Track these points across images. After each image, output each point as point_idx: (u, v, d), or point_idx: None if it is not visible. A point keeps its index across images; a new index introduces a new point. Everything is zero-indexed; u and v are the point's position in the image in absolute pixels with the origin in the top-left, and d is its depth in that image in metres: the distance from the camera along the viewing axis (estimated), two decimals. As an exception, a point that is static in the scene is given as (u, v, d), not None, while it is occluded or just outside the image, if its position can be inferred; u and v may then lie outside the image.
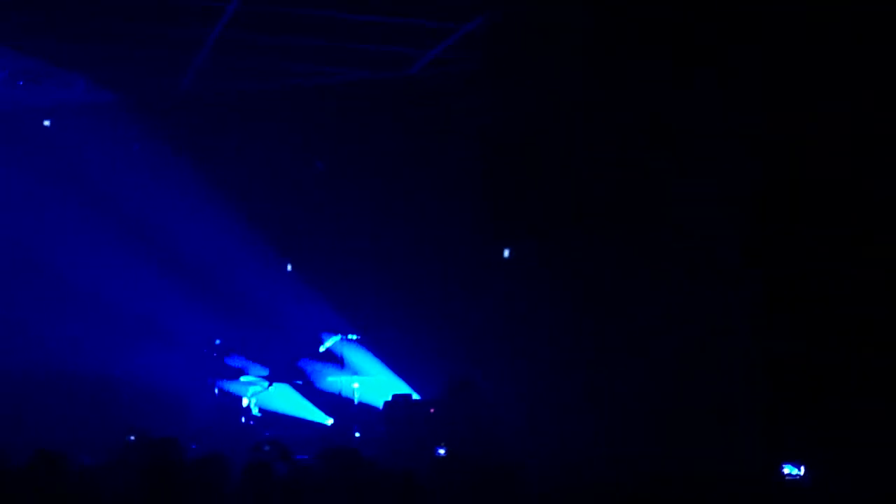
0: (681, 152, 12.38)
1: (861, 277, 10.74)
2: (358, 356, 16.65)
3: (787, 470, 9.92)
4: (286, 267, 17.75)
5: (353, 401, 16.16)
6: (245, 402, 16.56)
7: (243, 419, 16.47)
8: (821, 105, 10.91)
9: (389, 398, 14.55)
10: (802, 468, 9.85)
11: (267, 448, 9.85)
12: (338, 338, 16.73)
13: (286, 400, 16.81)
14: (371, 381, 16.19)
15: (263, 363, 17.05)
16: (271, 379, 16.74)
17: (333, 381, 16.51)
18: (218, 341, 17.13)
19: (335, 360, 16.68)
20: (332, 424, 16.45)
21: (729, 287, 11.86)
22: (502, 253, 15.27)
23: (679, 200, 12.38)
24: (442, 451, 12.33)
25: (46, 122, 17.77)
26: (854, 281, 10.78)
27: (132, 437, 10.96)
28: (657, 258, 12.70)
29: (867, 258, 10.69)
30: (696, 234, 12.28)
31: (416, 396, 15.21)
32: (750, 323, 11.63)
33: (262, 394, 16.60)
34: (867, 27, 10.64)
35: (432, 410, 13.97)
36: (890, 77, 10.54)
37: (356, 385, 16.22)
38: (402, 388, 15.94)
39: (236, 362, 17.03)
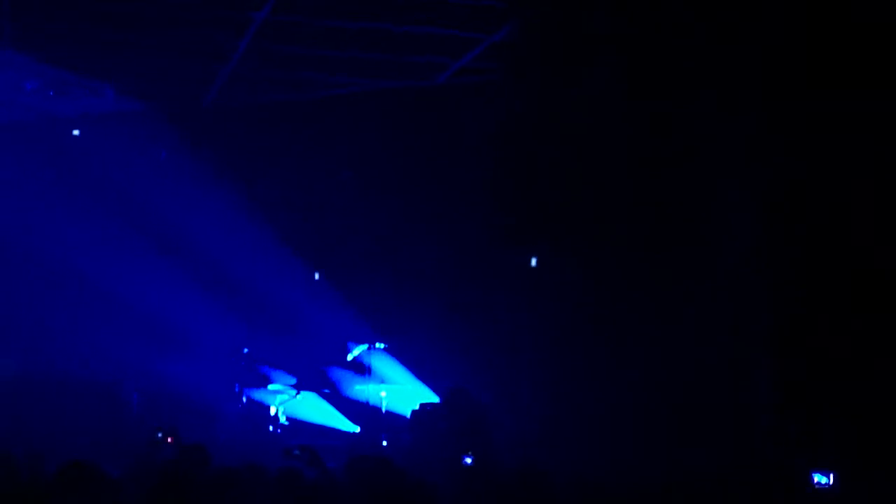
0: (700, 161, 12.40)
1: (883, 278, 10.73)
2: (385, 365, 16.66)
3: (816, 478, 9.90)
4: (314, 276, 17.78)
5: (380, 409, 16.18)
6: (273, 411, 16.61)
7: (271, 427, 16.52)
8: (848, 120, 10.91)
9: (417, 407, 14.55)
10: (831, 476, 9.82)
11: (297, 452, 9.85)
12: (365, 346, 16.74)
13: (314, 408, 16.85)
14: (398, 390, 16.20)
15: (291, 372, 17.10)
16: (299, 387, 16.78)
17: (361, 389, 16.53)
18: (246, 350, 17.19)
19: (362, 368, 16.69)
20: (359, 433, 16.48)
21: (747, 291, 11.85)
22: (530, 261, 15.29)
23: (697, 207, 12.39)
24: (469, 460, 12.33)
25: (76, 132, 17.87)
26: (876, 281, 10.77)
27: (160, 435, 11.00)
28: (673, 264, 12.71)
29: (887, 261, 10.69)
30: (713, 240, 12.29)
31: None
32: (772, 326, 11.62)
33: (289, 402, 16.65)
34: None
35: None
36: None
37: (383, 394, 16.23)
38: (430, 396, 15.95)
39: (264, 371, 17.08)
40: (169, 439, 11.13)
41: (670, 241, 12.81)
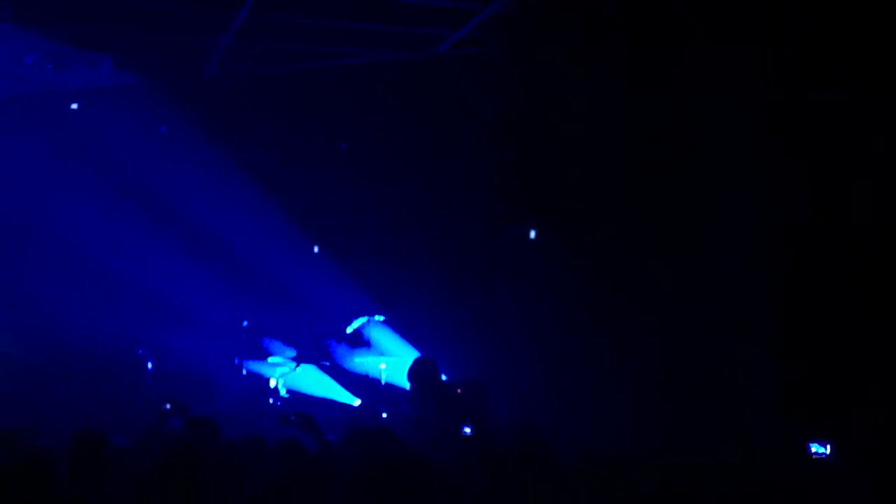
0: (702, 141, 12.41)
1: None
2: (385, 337, 16.69)
3: (813, 449, 9.93)
4: (313, 249, 17.78)
5: (379, 381, 16.20)
6: (273, 383, 16.64)
7: (271, 400, 16.54)
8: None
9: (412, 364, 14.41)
10: (829, 447, 9.85)
11: (293, 419, 9.89)
12: (364, 319, 16.76)
13: (314, 381, 16.87)
14: (398, 362, 16.22)
15: (291, 344, 17.12)
16: (299, 360, 16.81)
17: (360, 362, 16.56)
18: (245, 323, 17.20)
19: (362, 341, 16.71)
20: (359, 405, 16.50)
21: (750, 269, 11.88)
22: (528, 235, 15.30)
23: (699, 187, 12.41)
24: (468, 431, 12.35)
25: (74, 105, 17.84)
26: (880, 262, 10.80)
27: (168, 406, 11.01)
28: (676, 243, 12.73)
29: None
30: (716, 218, 12.30)
31: (442, 377, 15.23)
32: (771, 296, 11.65)
33: (289, 375, 16.67)
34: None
35: (459, 391, 13.99)
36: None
37: (383, 366, 16.26)
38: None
39: (264, 343, 17.10)
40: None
41: (669, 217, 12.84)
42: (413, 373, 13.55)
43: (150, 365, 16.82)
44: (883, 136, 10.70)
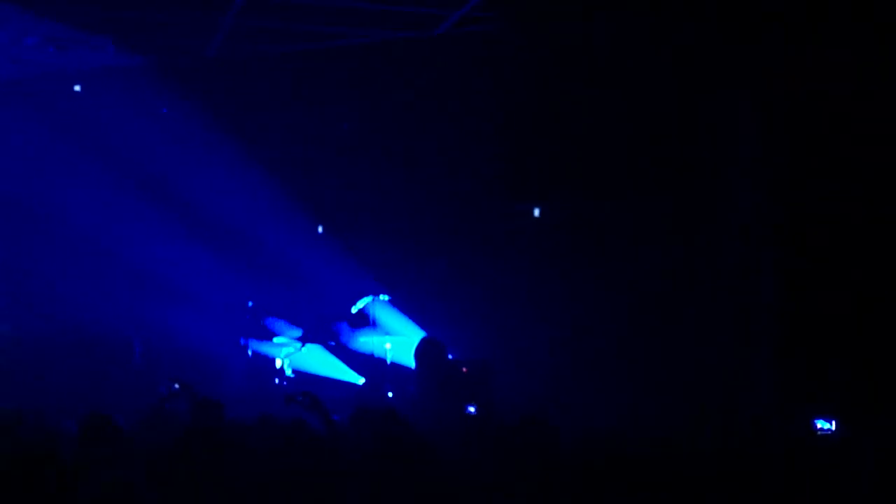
0: (707, 117, 12.39)
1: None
2: (389, 316, 16.69)
3: (819, 424, 9.94)
4: (317, 228, 17.79)
5: (385, 361, 16.22)
6: (278, 364, 16.65)
7: (277, 380, 16.57)
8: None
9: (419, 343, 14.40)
10: (834, 423, 9.85)
11: (299, 398, 9.92)
12: (369, 298, 16.76)
13: (319, 361, 16.88)
14: (403, 342, 16.22)
15: (296, 324, 17.13)
16: (304, 340, 16.82)
17: (365, 341, 16.57)
18: (250, 303, 17.22)
19: (367, 320, 16.72)
20: (364, 384, 16.53)
21: (755, 247, 11.88)
22: (532, 213, 15.29)
23: (702, 164, 12.40)
24: (472, 409, 12.37)
25: (77, 87, 17.84)
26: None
27: (176, 386, 11.03)
28: (680, 221, 12.73)
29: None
30: (718, 195, 12.30)
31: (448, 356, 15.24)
32: (774, 275, 11.65)
33: (294, 355, 16.68)
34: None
35: (465, 370, 14.00)
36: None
37: (388, 345, 16.27)
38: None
39: (269, 324, 17.12)
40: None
41: (674, 194, 12.82)
42: (420, 353, 13.56)
43: (144, 347, 16.82)
44: (884, 133, 10.72)
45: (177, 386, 11.05)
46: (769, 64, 11.67)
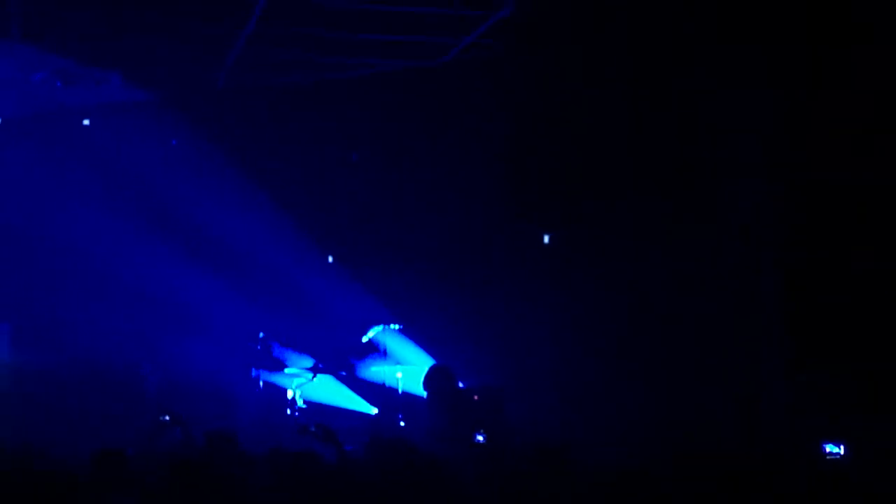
0: (717, 132, 12.40)
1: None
2: (400, 345, 16.70)
3: (828, 449, 9.91)
4: (327, 258, 17.82)
5: (397, 390, 16.23)
6: (290, 394, 16.65)
7: (289, 411, 16.57)
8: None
9: (427, 371, 14.36)
10: (843, 447, 9.82)
11: (313, 429, 9.93)
12: (380, 328, 16.77)
13: (331, 390, 16.89)
14: (414, 370, 16.22)
15: (307, 355, 17.13)
16: (315, 370, 16.82)
17: (377, 370, 16.58)
18: (262, 334, 17.22)
19: (378, 349, 16.73)
20: (376, 414, 16.53)
21: (757, 259, 11.88)
22: (541, 239, 15.31)
23: (712, 186, 12.41)
24: (480, 438, 12.36)
25: (86, 122, 17.92)
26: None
27: (167, 418, 11.03)
28: (687, 244, 12.73)
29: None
30: (726, 215, 12.30)
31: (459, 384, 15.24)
32: (782, 295, 11.66)
33: (306, 385, 16.68)
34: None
35: (476, 398, 14.00)
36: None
37: (399, 374, 16.28)
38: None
39: (280, 354, 17.12)
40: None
41: (681, 219, 12.83)
42: (428, 380, 13.57)
43: (155, 378, 16.85)
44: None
45: (167, 418, 11.05)
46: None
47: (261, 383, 16.86)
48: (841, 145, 11.16)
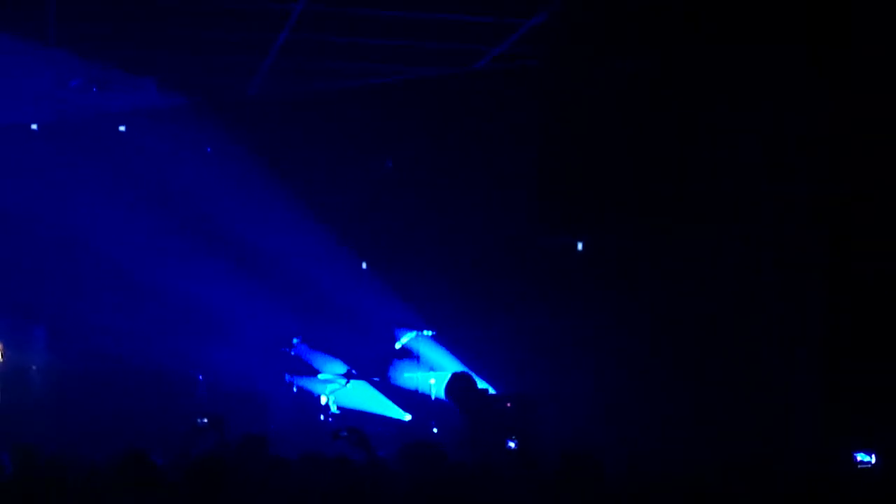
0: (746, 150, 12.38)
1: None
2: (433, 352, 16.72)
3: (859, 457, 9.89)
4: (361, 265, 17.86)
5: (430, 396, 16.25)
6: (323, 400, 16.70)
7: (322, 416, 16.61)
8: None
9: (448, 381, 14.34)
10: (874, 456, 9.80)
11: (345, 434, 9.97)
12: (413, 334, 16.80)
13: (364, 397, 16.92)
14: (447, 377, 16.23)
15: (341, 360, 17.17)
16: (349, 376, 16.85)
17: (410, 377, 16.61)
18: (295, 340, 17.28)
19: (411, 356, 16.76)
20: (409, 420, 16.55)
21: (789, 276, 11.85)
22: (575, 246, 15.30)
23: (742, 196, 12.38)
24: (512, 445, 12.36)
25: (122, 128, 18.02)
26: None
27: (205, 420, 11.07)
28: (721, 252, 12.71)
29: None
30: (758, 224, 12.27)
31: (491, 390, 15.22)
32: (814, 308, 11.62)
33: (340, 391, 16.73)
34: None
35: (509, 405, 13.99)
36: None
37: (433, 381, 16.30)
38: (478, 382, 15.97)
39: (314, 360, 17.17)
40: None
41: (716, 226, 12.80)
42: (449, 389, 13.57)
43: (206, 383, 16.95)
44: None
45: (205, 420, 11.08)
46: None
47: (294, 389, 16.92)
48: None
